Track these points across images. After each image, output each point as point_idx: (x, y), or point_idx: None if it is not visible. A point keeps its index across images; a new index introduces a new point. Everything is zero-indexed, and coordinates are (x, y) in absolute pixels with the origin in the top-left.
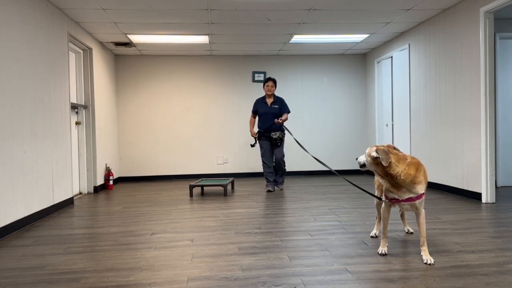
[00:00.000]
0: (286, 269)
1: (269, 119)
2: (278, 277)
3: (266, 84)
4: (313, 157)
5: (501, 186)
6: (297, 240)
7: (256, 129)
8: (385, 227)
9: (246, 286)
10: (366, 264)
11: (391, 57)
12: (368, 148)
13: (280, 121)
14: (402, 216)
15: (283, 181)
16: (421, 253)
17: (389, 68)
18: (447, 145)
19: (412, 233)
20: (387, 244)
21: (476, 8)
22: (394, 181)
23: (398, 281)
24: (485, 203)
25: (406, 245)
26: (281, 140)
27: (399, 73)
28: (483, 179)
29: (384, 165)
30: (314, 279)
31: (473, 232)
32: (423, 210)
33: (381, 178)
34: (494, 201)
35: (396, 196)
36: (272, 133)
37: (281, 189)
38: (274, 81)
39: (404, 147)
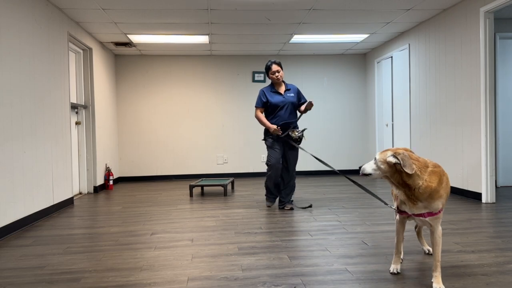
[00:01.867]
0: (286, 269)
1: (287, 112)
2: (278, 277)
3: (270, 70)
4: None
5: (501, 186)
6: (297, 240)
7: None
8: (398, 242)
9: (246, 286)
10: (366, 264)
11: (391, 57)
12: (379, 154)
13: (310, 106)
14: (418, 234)
15: (292, 199)
16: (432, 280)
17: (389, 68)
18: (447, 145)
19: (432, 254)
20: (401, 261)
21: (476, 8)
22: (411, 193)
23: (398, 281)
24: (485, 203)
25: (406, 245)
26: (301, 141)
27: (399, 73)
28: (483, 179)
29: (409, 172)
30: (314, 279)
31: (473, 232)
32: (439, 228)
33: (396, 188)
34: (494, 201)
35: (407, 210)
36: (291, 131)
37: (292, 209)
38: (280, 65)
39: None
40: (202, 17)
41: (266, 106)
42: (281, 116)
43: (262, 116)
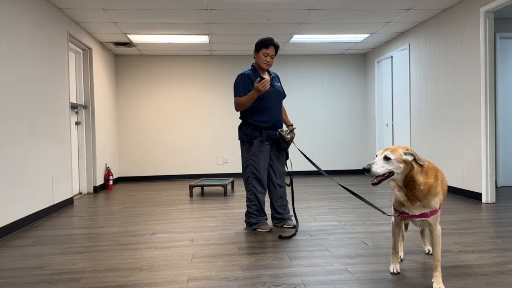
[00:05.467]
0: (286, 269)
1: (278, 107)
2: (278, 277)
3: (265, 49)
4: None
5: (501, 186)
6: (297, 240)
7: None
8: (396, 242)
9: (246, 286)
10: (366, 264)
11: (391, 57)
12: (391, 153)
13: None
14: (421, 233)
15: (292, 214)
16: (432, 280)
17: (389, 68)
18: (447, 145)
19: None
20: (400, 260)
21: (476, 8)
22: (411, 193)
23: (398, 281)
24: (485, 203)
25: (406, 245)
26: (290, 144)
27: (399, 73)
28: (483, 179)
29: (424, 164)
30: (314, 279)
31: (473, 232)
32: (438, 227)
33: (399, 189)
34: (494, 201)
35: (406, 211)
36: (281, 130)
37: (295, 226)
38: (277, 50)
39: None
40: (202, 17)
41: None
42: (273, 110)
43: (241, 100)
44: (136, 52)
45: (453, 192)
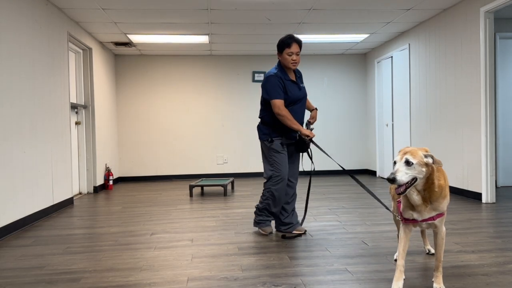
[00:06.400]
0: (286, 269)
1: (302, 108)
2: (278, 277)
3: (288, 48)
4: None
5: (501, 186)
6: (297, 240)
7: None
8: (402, 251)
9: (246, 286)
10: (366, 264)
11: (391, 57)
12: (411, 157)
13: (313, 121)
14: (422, 233)
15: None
16: (433, 280)
17: (389, 68)
18: (447, 145)
19: (433, 254)
20: (404, 277)
21: (476, 8)
22: (429, 195)
23: None
24: (485, 203)
25: None
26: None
27: (399, 73)
28: (483, 179)
29: (441, 166)
30: (314, 279)
31: (473, 232)
32: (443, 228)
33: (417, 193)
34: (494, 201)
35: (415, 216)
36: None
37: (305, 232)
38: (301, 46)
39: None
40: (202, 17)
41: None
42: (297, 113)
43: (288, 115)
44: (136, 52)
45: (453, 192)
